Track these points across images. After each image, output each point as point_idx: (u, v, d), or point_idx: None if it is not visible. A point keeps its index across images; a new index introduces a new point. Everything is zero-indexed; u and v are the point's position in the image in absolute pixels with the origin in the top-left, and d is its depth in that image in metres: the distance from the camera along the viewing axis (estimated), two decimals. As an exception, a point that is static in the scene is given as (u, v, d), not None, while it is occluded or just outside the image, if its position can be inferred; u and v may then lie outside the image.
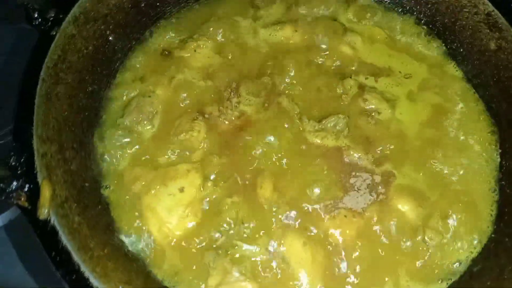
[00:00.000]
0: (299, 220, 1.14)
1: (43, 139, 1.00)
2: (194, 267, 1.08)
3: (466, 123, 1.34)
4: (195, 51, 1.38)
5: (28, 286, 1.24)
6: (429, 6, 1.50)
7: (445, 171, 1.24)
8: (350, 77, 1.38)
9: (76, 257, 0.89)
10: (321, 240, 1.12)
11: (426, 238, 1.14)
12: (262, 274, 1.07)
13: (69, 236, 0.91)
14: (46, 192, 0.93)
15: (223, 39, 1.43)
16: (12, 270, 1.23)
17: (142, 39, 1.40)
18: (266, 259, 1.08)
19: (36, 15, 1.10)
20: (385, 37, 1.51)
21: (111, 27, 1.29)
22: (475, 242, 1.15)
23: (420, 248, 1.13)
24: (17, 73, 1.08)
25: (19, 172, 0.93)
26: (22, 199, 0.91)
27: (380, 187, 1.20)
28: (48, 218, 0.91)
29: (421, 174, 1.23)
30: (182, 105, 1.29)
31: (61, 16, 1.14)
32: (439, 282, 1.11)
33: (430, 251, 1.12)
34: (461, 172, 1.24)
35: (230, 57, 1.40)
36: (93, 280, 0.89)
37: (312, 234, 1.12)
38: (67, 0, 1.16)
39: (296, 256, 1.08)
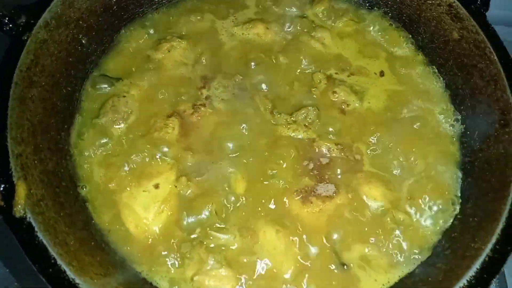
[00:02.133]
0: (271, 210, 1.18)
1: (17, 141, 1.03)
2: (171, 259, 1.11)
3: (432, 111, 1.39)
4: (168, 51, 1.41)
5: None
6: (395, 0, 1.55)
7: (411, 158, 1.28)
8: (320, 71, 1.43)
9: (52, 251, 0.92)
10: (293, 228, 1.15)
11: (396, 220, 1.18)
12: (238, 261, 1.10)
13: (45, 232, 0.94)
14: (21, 191, 0.95)
15: (196, 39, 1.47)
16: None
17: (116, 42, 1.42)
18: (241, 247, 1.12)
19: (6, 21, 1.12)
20: (354, 32, 1.55)
21: (83, 30, 1.31)
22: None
23: (389, 229, 1.17)
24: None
25: (-5, 172, 0.96)
26: (-2, 198, 0.94)
27: (349, 174, 1.24)
28: (24, 215, 0.94)
29: (388, 160, 1.27)
30: (156, 104, 1.32)
31: (32, 21, 1.16)
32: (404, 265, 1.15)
33: (398, 232, 1.16)
34: (428, 158, 1.29)
35: (203, 56, 1.43)
36: (69, 273, 0.91)
37: (284, 222, 1.16)
38: (38, 6, 1.19)
39: (269, 243, 1.12)
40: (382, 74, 1.44)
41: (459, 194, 1.24)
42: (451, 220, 1.20)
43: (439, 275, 1.06)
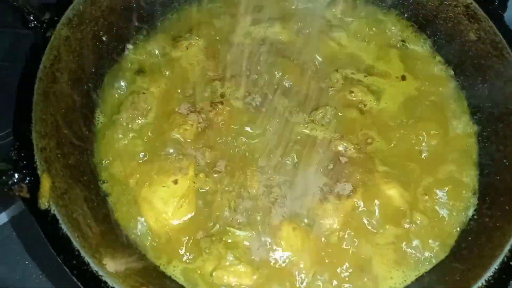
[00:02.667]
0: (289, 207, 1.19)
1: (41, 135, 1.05)
2: (190, 254, 1.12)
3: (448, 111, 1.39)
4: (187, 49, 1.43)
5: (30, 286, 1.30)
6: (411, 1, 1.56)
7: (428, 156, 1.29)
8: (337, 71, 1.44)
9: (76, 243, 0.93)
10: (311, 226, 1.16)
11: (413, 220, 1.18)
12: (256, 258, 1.11)
13: (69, 224, 0.96)
14: (46, 184, 0.97)
15: (214, 38, 1.48)
16: (15, 269, 1.29)
17: (135, 39, 1.44)
18: (259, 244, 1.13)
19: (31, 18, 1.15)
20: (370, 32, 1.56)
21: (104, 28, 1.33)
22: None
23: (408, 230, 1.18)
24: (15, 74, 1.13)
25: (20, 165, 0.97)
26: (24, 190, 0.96)
27: (366, 174, 1.24)
28: (49, 208, 0.96)
29: (407, 160, 1.28)
30: (175, 101, 1.34)
31: (55, 18, 1.18)
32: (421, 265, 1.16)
33: (415, 231, 1.17)
34: (448, 157, 1.30)
35: (220, 55, 1.45)
36: (93, 265, 0.93)
37: (302, 219, 1.17)
38: (61, 4, 1.21)
39: (287, 241, 1.13)
40: (403, 78, 1.44)
41: (477, 195, 1.24)
42: (468, 221, 1.20)
43: (456, 275, 1.06)
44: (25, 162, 0.98)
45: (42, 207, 0.95)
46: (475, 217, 1.20)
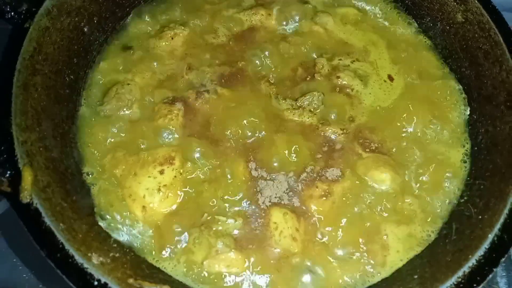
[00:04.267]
0: (278, 193, 1.18)
1: (22, 128, 1.02)
2: (179, 244, 1.11)
3: (437, 93, 1.38)
4: (172, 38, 1.41)
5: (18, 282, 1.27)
6: (397, -17, 1.55)
7: (417, 138, 1.29)
8: (323, 56, 1.42)
9: (60, 236, 0.92)
10: (301, 211, 1.15)
11: (404, 203, 1.18)
12: (246, 244, 1.11)
13: (52, 217, 0.94)
14: (27, 177, 0.95)
15: (198, 26, 1.46)
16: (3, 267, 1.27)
17: (118, 29, 1.42)
18: (249, 230, 1.12)
19: (8, 9, 1.11)
20: (357, 17, 1.54)
21: (85, 18, 1.30)
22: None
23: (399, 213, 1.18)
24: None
25: (1, 158, 0.95)
26: (5, 184, 0.93)
27: (355, 159, 1.23)
28: (31, 201, 0.94)
29: (395, 143, 1.27)
30: (160, 91, 1.32)
31: (33, 9, 1.15)
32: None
33: (406, 214, 1.17)
34: (435, 138, 1.30)
35: (206, 44, 1.43)
36: (78, 258, 0.91)
37: (292, 205, 1.16)
38: (39, -7, 1.18)
39: (277, 226, 1.12)
40: (391, 78, 1.41)
41: (466, 177, 1.23)
42: (458, 202, 1.20)
43: (447, 256, 1.05)
44: (5, 156, 0.96)
45: (24, 201, 0.93)
46: (465, 198, 1.19)
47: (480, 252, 0.99)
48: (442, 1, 1.44)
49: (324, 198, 1.18)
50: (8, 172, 0.95)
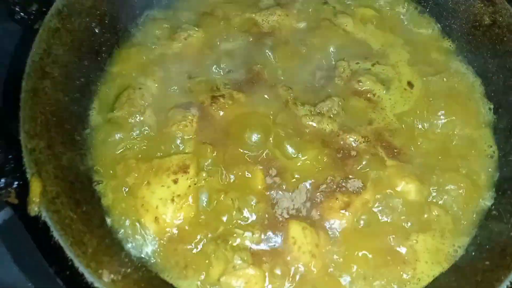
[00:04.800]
0: (297, 204, 1.12)
1: (30, 135, 0.98)
2: (193, 259, 1.06)
3: (461, 100, 1.31)
4: (185, 40, 1.36)
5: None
6: (421, -17, 1.48)
7: (444, 143, 1.23)
8: (343, 60, 1.36)
9: (69, 252, 0.87)
10: (320, 225, 1.10)
11: (431, 215, 1.12)
12: (265, 260, 1.05)
13: (61, 231, 0.89)
14: (36, 188, 0.91)
15: (212, 27, 1.40)
16: (6, 271, 1.21)
17: (130, 31, 1.37)
18: (267, 244, 1.07)
19: (17, 9, 1.07)
20: (377, 17, 1.48)
21: (96, 19, 1.26)
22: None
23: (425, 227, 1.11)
24: (1, 70, 1.06)
25: (6, 168, 0.91)
26: (12, 196, 0.89)
27: (378, 167, 1.17)
28: (39, 214, 0.89)
29: (419, 151, 1.21)
30: (174, 96, 1.27)
31: (43, 9, 1.11)
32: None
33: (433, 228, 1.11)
34: (459, 145, 1.24)
35: (221, 46, 1.38)
36: (88, 276, 0.86)
37: (311, 218, 1.11)
38: (49, -7, 1.13)
39: (296, 241, 1.06)
40: (411, 85, 1.34)
41: (495, 187, 1.17)
42: (487, 215, 1.13)
43: (477, 275, 0.99)
44: (12, 165, 0.92)
45: (32, 214, 0.89)
46: (494, 212, 1.13)
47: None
48: (468, 2, 1.38)
49: (345, 210, 1.12)
50: (16, 183, 0.91)
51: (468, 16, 1.39)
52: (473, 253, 1.08)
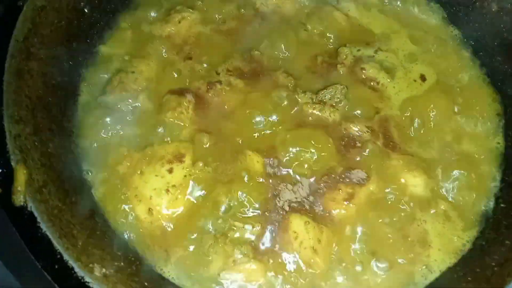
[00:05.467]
0: (298, 196, 1.08)
1: (15, 120, 0.92)
2: (190, 252, 1.00)
3: (467, 90, 1.27)
4: (179, 22, 1.29)
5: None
6: (426, -33, 1.43)
7: (448, 139, 1.19)
8: (345, 46, 1.31)
9: (58, 245, 0.81)
10: (324, 218, 1.05)
11: (439, 208, 1.08)
12: (265, 254, 1.00)
13: (49, 223, 0.83)
14: (21, 176, 0.85)
15: (209, 10, 1.34)
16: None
17: (121, 11, 1.30)
18: (268, 238, 1.02)
19: (-1, -15, 0.99)
20: (381, 2, 1.43)
21: (86, -2, 1.18)
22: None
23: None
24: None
25: (-10, 154, 0.84)
26: (-5, 184, 0.82)
27: (383, 159, 1.13)
28: (25, 204, 0.83)
29: (427, 143, 1.17)
30: (168, 81, 1.20)
31: (28, -15, 1.03)
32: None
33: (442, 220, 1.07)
34: (467, 138, 1.20)
35: (218, 29, 1.32)
36: (78, 270, 0.80)
37: (314, 211, 1.06)
38: (35, -32, 1.05)
39: (297, 236, 1.01)
40: (423, 78, 1.28)
41: (502, 180, 1.14)
42: (495, 208, 1.10)
43: (487, 270, 0.95)
44: (-4, 151, 0.85)
45: (17, 203, 0.82)
46: (502, 204, 1.09)
47: (526, 268, 0.89)
48: (474, -11, 1.33)
49: (348, 202, 1.07)
50: (0, 170, 0.84)
51: (474, 3, 1.34)
52: (481, 247, 1.04)
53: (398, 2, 1.42)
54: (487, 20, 1.31)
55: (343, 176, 1.10)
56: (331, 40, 1.33)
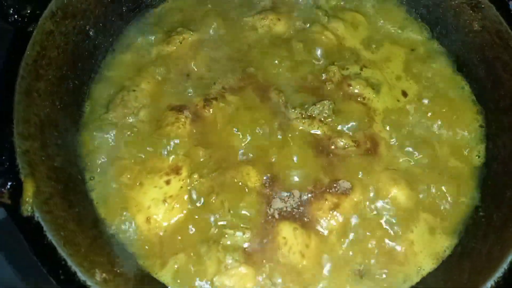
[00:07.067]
0: (288, 205, 1.14)
1: (24, 136, 0.99)
2: (185, 259, 1.07)
3: (450, 104, 1.33)
4: (180, 43, 1.37)
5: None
6: (412, -11, 1.50)
7: (434, 149, 1.25)
8: (334, 64, 1.38)
9: (62, 252, 0.88)
10: (311, 226, 1.11)
11: (419, 219, 1.14)
12: (256, 259, 1.07)
13: (54, 232, 0.90)
14: (29, 189, 0.92)
15: (206, 31, 1.42)
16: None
17: (124, 34, 1.38)
18: (258, 244, 1.08)
19: (11, 11, 1.08)
20: (368, 23, 1.50)
21: (90, 22, 1.27)
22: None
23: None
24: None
25: (0, 169, 0.91)
26: (5, 196, 0.90)
27: (368, 172, 1.19)
28: (32, 215, 0.90)
29: (409, 156, 1.23)
30: (167, 98, 1.28)
31: (37, 12, 1.12)
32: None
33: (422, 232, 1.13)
34: (449, 151, 1.25)
35: (214, 49, 1.39)
36: (80, 275, 0.88)
37: (302, 219, 1.12)
38: (43, -4, 1.14)
39: (286, 241, 1.08)
40: (405, 95, 1.35)
41: (482, 191, 1.19)
42: (474, 217, 1.16)
43: (464, 276, 1.01)
44: (6, 166, 0.93)
45: (25, 214, 0.90)
46: (481, 213, 1.15)
47: (498, 274, 0.95)
48: (458, 9, 1.39)
49: (334, 211, 1.13)
50: (9, 183, 0.92)
51: (458, 22, 1.40)
52: (460, 254, 1.10)
53: (383, 22, 1.49)
54: (469, 39, 1.37)
55: (329, 186, 1.17)
56: (320, 58, 1.40)
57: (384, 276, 1.09)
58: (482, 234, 1.09)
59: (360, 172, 1.20)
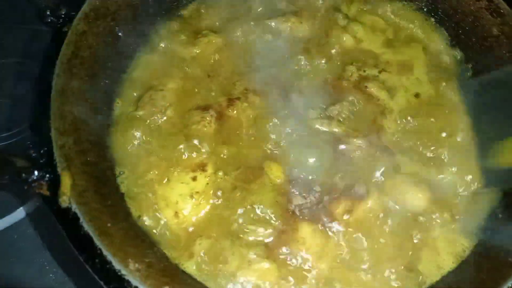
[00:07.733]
0: (309, 206, 1.17)
1: (60, 132, 1.04)
2: (210, 252, 1.10)
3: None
4: (206, 45, 1.41)
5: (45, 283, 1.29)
6: (430, -6, 1.53)
7: (445, 158, 1.27)
8: (352, 64, 1.41)
9: (98, 242, 0.92)
10: (329, 227, 1.14)
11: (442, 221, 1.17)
12: (278, 254, 1.10)
13: (90, 222, 0.94)
14: (66, 181, 0.96)
15: (231, 33, 1.46)
16: (30, 267, 1.28)
17: (153, 34, 1.42)
18: (279, 241, 1.11)
19: (48, 13, 1.13)
20: (388, 27, 1.53)
21: (120, 23, 1.31)
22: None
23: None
24: (33, 71, 1.11)
25: (40, 162, 0.96)
26: (44, 188, 0.94)
27: (387, 173, 1.22)
28: (69, 206, 0.95)
29: (429, 157, 1.26)
30: (193, 98, 1.32)
31: (72, 13, 1.17)
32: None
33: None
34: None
35: (238, 50, 1.43)
36: (115, 264, 0.92)
37: (321, 221, 1.15)
38: (78, -2, 1.19)
39: (306, 241, 1.11)
40: (417, 96, 1.38)
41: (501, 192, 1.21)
42: (492, 218, 1.18)
43: (482, 275, 1.04)
44: (45, 159, 0.97)
45: (63, 205, 0.94)
46: (500, 215, 1.17)
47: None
48: (476, 14, 1.42)
49: (348, 215, 1.15)
50: (47, 176, 0.96)
51: (476, 27, 1.43)
52: (479, 254, 1.12)
53: (402, 26, 1.52)
54: (488, 44, 1.39)
55: (346, 189, 1.18)
56: (339, 60, 1.43)
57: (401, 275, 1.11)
58: (501, 234, 1.11)
59: (377, 173, 1.22)
